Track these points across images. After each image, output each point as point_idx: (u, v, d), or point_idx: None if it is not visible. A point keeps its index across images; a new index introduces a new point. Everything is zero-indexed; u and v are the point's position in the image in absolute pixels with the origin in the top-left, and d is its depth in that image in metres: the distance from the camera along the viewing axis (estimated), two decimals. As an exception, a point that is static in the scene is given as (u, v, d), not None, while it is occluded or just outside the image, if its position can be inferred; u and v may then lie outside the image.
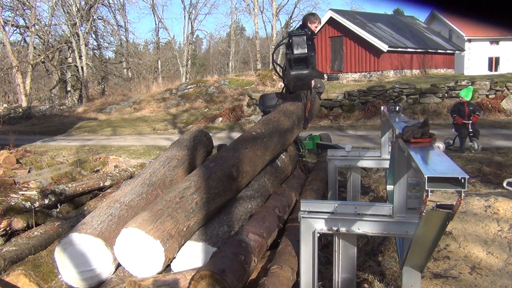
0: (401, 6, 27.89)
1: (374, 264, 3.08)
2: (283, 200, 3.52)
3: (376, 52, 18.76)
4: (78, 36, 25.90)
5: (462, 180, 1.48)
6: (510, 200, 3.63)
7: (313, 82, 4.57)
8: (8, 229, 3.17)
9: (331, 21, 20.30)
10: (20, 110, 21.37)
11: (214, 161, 3.17)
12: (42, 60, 25.55)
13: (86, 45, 26.80)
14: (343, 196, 4.44)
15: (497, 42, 25.38)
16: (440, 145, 6.93)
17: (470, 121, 7.27)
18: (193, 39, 36.35)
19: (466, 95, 7.46)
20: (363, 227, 2.25)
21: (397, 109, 3.07)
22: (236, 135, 12.17)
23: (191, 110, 17.12)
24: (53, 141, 12.29)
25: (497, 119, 11.59)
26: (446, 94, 13.06)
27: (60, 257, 2.19)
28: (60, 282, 2.21)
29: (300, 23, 4.99)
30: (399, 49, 19.42)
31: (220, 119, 14.66)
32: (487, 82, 13.00)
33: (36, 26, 25.48)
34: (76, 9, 25.82)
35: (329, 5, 55.14)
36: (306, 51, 3.91)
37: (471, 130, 7.28)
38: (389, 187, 2.94)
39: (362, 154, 4.00)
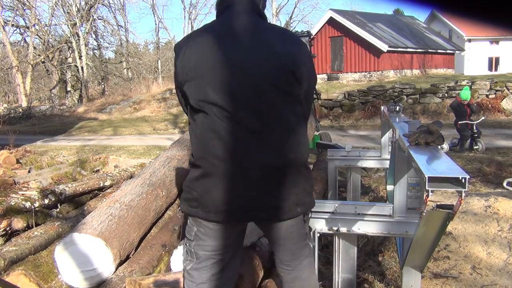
0: (401, 6, 27.92)
1: (374, 264, 3.08)
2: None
3: (376, 52, 18.75)
4: (78, 36, 25.88)
5: (463, 180, 1.47)
6: (510, 200, 3.63)
7: None
8: (8, 229, 3.16)
9: (331, 21, 20.28)
10: (20, 110, 21.35)
11: None
12: (42, 60, 25.52)
13: (86, 45, 26.78)
14: (343, 196, 4.45)
15: (497, 42, 25.35)
16: (444, 145, 6.95)
17: (475, 122, 7.31)
18: (193, 39, 36.26)
19: (467, 96, 7.49)
20: (363, 227, 2.25)
21: (397, 109, 3.07)
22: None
23: (191, 110, 17.10)
24: (54, 141, 12.29)
25: (497, 119, 11.60)
26: (446, 94, 13.07)
27: (60, 257, 2.19)
28: (60, 282, 2.20)
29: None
30: (399, 49, 19.41)
31: (220, 119, 14.64)
32: (487, 82, 13.01)
33: (36, 26, 25.46)
34: (76, 9, 25.80)
35: (329, 5, 55.14)
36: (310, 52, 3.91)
37: (475, 130, 7.30)
38: (389, 187, 2.93)
39: (362, 154, 4.00)
